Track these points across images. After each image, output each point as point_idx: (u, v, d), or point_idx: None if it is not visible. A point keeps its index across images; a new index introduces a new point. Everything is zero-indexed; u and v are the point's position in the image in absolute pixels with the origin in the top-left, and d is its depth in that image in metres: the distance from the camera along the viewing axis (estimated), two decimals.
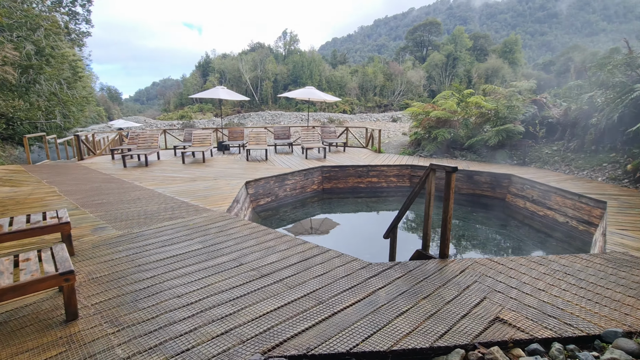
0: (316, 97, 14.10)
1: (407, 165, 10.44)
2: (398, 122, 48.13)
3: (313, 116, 49.61)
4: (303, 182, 9.64)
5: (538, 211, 7.63)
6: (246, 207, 7.50)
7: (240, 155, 12.40)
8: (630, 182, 7.07)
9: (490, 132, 10.13)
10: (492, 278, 3.33)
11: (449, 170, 3.62)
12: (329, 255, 3.84)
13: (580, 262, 3.71)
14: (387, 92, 68.49)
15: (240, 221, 5.05)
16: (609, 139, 8.36)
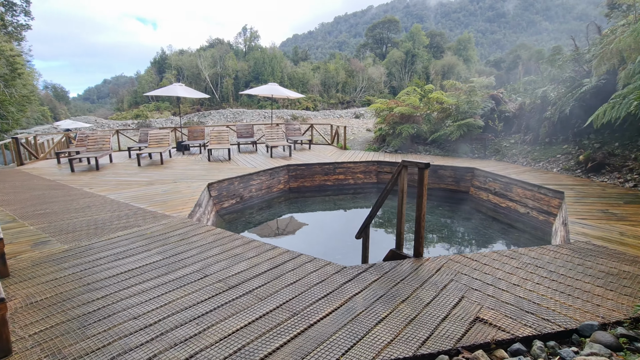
0: (279, 94, 13.78)
1: (373, 162, 10.44)
2: (361, 118, 48.65)
3: (276, 113, 48.96)
4: (269, 181, 9.34)
5: (500, 203, 7.89)
6: (209, 211, 7.10)
7: (201, 156, 11.83)
8: (583, 172, 7.49)
9: (452, 127, 10.38)
10: (468, 275, 3.28)
11: (421, 167, 3.53)
12: (300, 260, 3.63)
13: (548, 253, 3.78)
14: (349, 89, 69.14)
15: (203, 227, 4.70)
16: (561, 132, 8.83)
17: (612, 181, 6.89)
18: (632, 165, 6.91)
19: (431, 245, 6.71)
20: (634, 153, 7.08)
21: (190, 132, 13.60)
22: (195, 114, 48.66)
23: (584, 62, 8.31)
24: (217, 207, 7.78)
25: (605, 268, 3.41)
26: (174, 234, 4.39)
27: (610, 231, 4.41)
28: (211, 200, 7.54)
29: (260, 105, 56.15)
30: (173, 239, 4.22)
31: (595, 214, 5.11)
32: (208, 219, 6.76)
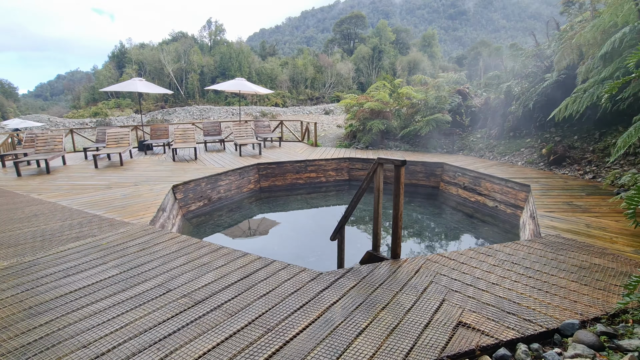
0: (247, 90, 13.34)
1: (345, 159, 10.34)
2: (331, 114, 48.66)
3: (245, 110, 47.92)
4: (238, 181, 8.98)
5: (470, 197, 8.02)
6: (174, 215, 6.68)
7: (165, 156, 11.22)
8: (545, 164, 7.75)
9: (421, 122, 10.47)
10: (447, 276, 3.20)
11: (397, 164, 3.41)
12: (273, 267, 3.41)
13: (522, 249, 3.79)
14: (318, 85, 69.00)
15: (166, 234, 4.35)
16: (524, 126, 9.13)
17: (573, 173, 7.17)
18: (590, 157, 7.22)
19: (406, 242, 6.69)
20: (592, 146, 7.40)
21: (153, 130, 12.88)
22: (159, 111, 46.59)
23: (545, 58, 8.61)
24: (183, 211, 7.35)
25: (577, 262, 3.46)
26: (133, 244, 4.02)
27: (577, 223, 4.52)
28: (176, 203, 7.11)
29: (228, 102, 54.77)
30: (132, 250, 3.85)
31: (561, 206, 5.25)
32: (173, 224, 6.35)
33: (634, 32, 5.01)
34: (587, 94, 5.75)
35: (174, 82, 57.21)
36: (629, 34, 4.98)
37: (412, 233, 7.21)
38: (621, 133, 6.98)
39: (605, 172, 6.68)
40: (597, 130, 7.46)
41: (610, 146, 6.94)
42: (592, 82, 5.69)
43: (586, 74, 6.19)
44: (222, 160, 10.02)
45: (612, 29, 5.62)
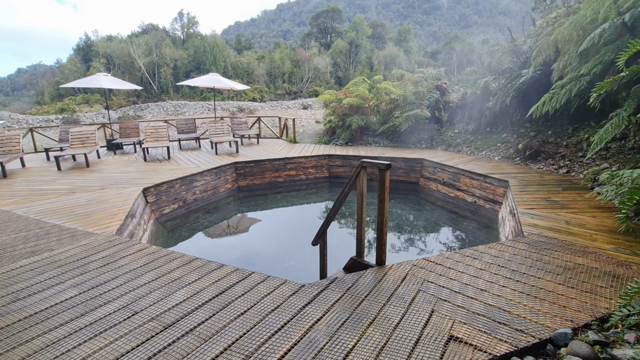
0: (222, 85, 12.87)
1: (324, 156, 10.15)
2: (309, 109, 48.30)
3: (221, 105, 46.82)
4: (215, 181, 8.62)
5: (449, 193, 8.02)
6: (146, 220, 6.29)
7: (136, 155, 10.66)
8: (521, 159, 7.84)
9: (400, 118, 10.41)
10: (434, 283, 3.08)
11: (382, 168, 3.24)
12: (252, 280, 3.17)
13: (507, 249, 3.73)
14: (296, 79, 68.35)
15: (134, 245, 4.02)
16: (500, 121, 9.22)
17: (548, 168, 7.27)
18: (564, 152, 7.35)
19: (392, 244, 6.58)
20: (565, 140, 7.53)
21: (122, 128, 12.22)
22: (131, 107, 44.77)
23: (521, 54, 8.69)
24: (156, 214, 6.96)
25: (562, 262, 3.41)
26: (96, 258, 3.68)
27: (557, 220, 4.52)
28: (148, 207, 6.71)
29: (204, 97, 53.33)
30: (95, 265, 3.52)
31: (540, 202, 5.27)
32: (145, 230, 5.97)
33: (613, 29, 5.05)
34: (564, 91, 5.79)
35: (146, 76, 55.12)
36: (608, 30, 5.01)
37: (395, 231, 7.12)
38: (593, 128, 7.13)
39: (578, 166, 6.80)
40: (570, 126, 7.60)
41: (583, 141, 7.07)
42: (569, 78, 5.72)
43: (563, 70, 6.23)
44: (197, 160, 9.61)
45: (589, 25, 5.66)
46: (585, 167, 6.65)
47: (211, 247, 6.36)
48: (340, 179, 10.05)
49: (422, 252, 6.20)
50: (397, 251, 6.19)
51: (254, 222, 7.74)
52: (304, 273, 5.31)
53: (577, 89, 5.55)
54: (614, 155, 6.30)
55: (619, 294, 2.79)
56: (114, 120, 36.74)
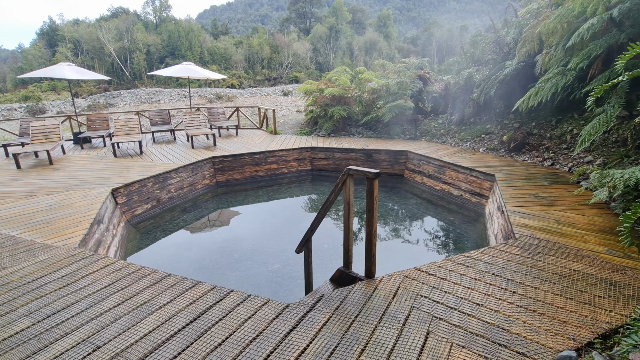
0: (196, 75, 12.21)
1: (307, 148, 9.82)
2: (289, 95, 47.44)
3: (198, 92, 45.35)
4: (191, 178, 8.18)
5: (435, 186, 7.90)
6: (116, 224, 5.85)
7: (105, 150, 10.01)
8: (506, 151, 7.78)
9: (384, 109, 10.16)
10: (428, 298, 2.88)
11: (370, 177, 2.97)
12: (230, 301, 2.89)
13: (500, 255, 3.57)
14: (275, 65, 66.93)
15: (99, 260, 3.64)
16: (484, 112, 9.12)
17: (532, 160, 7.23)
18: (548, 144, 7.31)
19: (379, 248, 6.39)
20: (549, 132, 7.49)
21: (90, 121, 11.46)
22: (101, 95, 42.66)
23: (504, 45, 8.55)
24: (127, 216, 6.51)
25: (556, 268, 3.29)
26: (54, 278, 3.29)
27: (547, 220, 4.42)
28: (118, 209, 6.26)
29: (179, 84, 51.40)
30: (52, 286, 3.14)
31: (528, 199, 5.18)
32: (114, 235, 5.54)
33: (600, 24, 4.91)
34: (549, 85, 5.66)
35: (117, 62, 52.55)
36: (596, 25, 4.86)
37: (383, 226, 6.94)
38: (576, 120, 7.10)
39: (562, 158, 6.78)
40: (554, 117, 7.55)
41: (567, 133, 7.04)
42: (555, 72, 5.59)
43: (548, 63, 6.10)
44: (172, 154, 9.10)
45: (574, 19, 5.52)
46: (569, 159, 6.63)
47: (188, 250, 6.00)
48: (324, 172, 9.78)
49: (408, 250, 6.05)
50: (384, 250, 6.00)
51: (234, 220, 7.40)
52: (288, 279, 5.05)
53: (563, 83, 5.43)
54: (597, 148, 6.28)
55: (620, 312, 2.67)
56: (83, 109, 34.95)
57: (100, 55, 52.39)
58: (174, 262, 5.51)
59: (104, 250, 4.86)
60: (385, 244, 6.26)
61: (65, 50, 50.96)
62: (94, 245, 4.56)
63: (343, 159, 9.51)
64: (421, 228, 6.89)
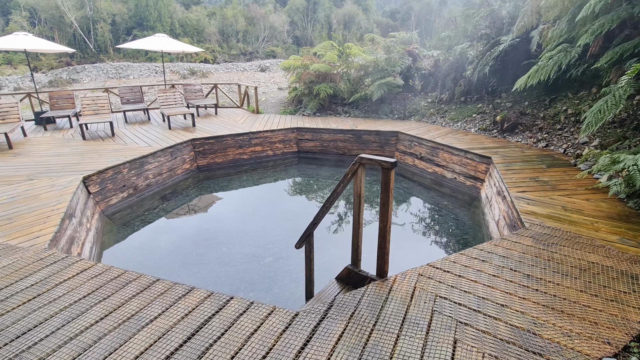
0: (171, 49, 11.30)
1: (292, 129, 9.36)
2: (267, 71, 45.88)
3: (170, 67, 43.06)
4: (170, 162, 7.62)
5: (427, 168, 7.72)
6: (89, 217, 5.33)
7: (73, 131, 9.18)
8: (499, 132, 7.64)
9: (372, 86, 9.76)
10: (448, 299, 2.66)
11: (386, 166, 2.66)
12: (231, 311, 2.56)
13: (514, 247, 3.40)
14: (251, 38, 64.20)
15: (74, 264, 3.20)
16: (476, 91, 8.91)
17: (526, 141, 7.12)
18: (541, 124, 7.21)
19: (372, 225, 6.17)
20: (542, 112, 7.38)
21: (53, 99, 10.45)
22: (64, 69, 39.68)
23: (498, 19, 8.25)
24: (101, 206, 5.96)
25: (574, 261, 3.15)
26: (21, 287, 2.85)
27: (553, 206, 4.29)
28: (91, 199, 5.70)
29: (149, 57, 48.46)
30: (19, 299, 2.70)
31: (530, 183, 5.04)
32: (88, 230, 5.04)
33: None
34: (552, 62, 5.44)
35: (79, 33, 48.73)
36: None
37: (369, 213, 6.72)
38: (570, 100, 6.99)
39: (557, 139, 6.69)
40: (547, 97, 7.43)
41: (560, 113, 6.93)
42: (559, 49, 5.37)
43: (549, 40, 5.85)
44: (148, 136, 8.43)
45: None
46: (564, 140, 6.55)
47: (172, 243, 5.57)
48: (311, 154, 9.40)
49: (403, 239, 5.88)
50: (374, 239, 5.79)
51: (219, 209, 6.98)
52: (282, 273, 4.77)
53: (567, 60, 5.22)
54: None
55: None
56: (44, 85, 32.40)
57: (61, 25, 48.38)
58: (156, 258, 5.09)
59: (77, 248, 4.38)
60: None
61: (21, 19, 46.63)
62: (66, 244, 4.08)
63: (331, 140, 9.14)
64: (415, 214, 6.72)
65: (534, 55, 7.45)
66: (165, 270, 4.85)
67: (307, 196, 7.55)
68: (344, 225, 6.29)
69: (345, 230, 6.13)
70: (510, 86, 8.33)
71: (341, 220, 6.50)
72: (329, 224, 6.34)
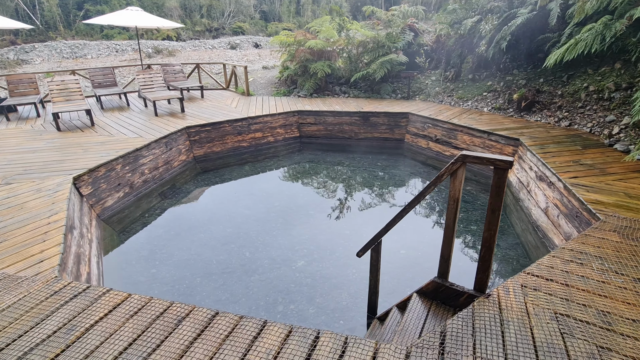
0: (146, 24, 10.10)
1: (293, 112, 8.68)
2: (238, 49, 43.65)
3: (132, 45, 39.88)
4: (165, 154, 6.81)
5: (444, 151, 7.38)
6: (88, 225, 4.57)
7: (42, 121, 8.03)
8: (515, 111, 7.38)
9: (374, 64, 9.17)
10: (570, 317, 2.31)
11: (501, 166, 2.20)
12: (325, 350, 2.07)
13: (604, 244, 3.10)
14: (216, 13, 60.61)
15: (103, 295, 2.56)
16: (484, 68, 8.57)
17: (545, 120, 6.91)
18: (560, 102, 7.00)
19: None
20: (559, 89, 7.16)
21: (11, 83, 9.10)
22: (10, 49, 35.67)
23: None
24: (96, 210, 5.17)
25: None
26: (41, 337, 2.19)
27: (615, 193, 4.05)
28: (85, 203, 4.91)
29: (105, 35, 44.61)
30: (41, 356, 2.07)
31: (575, 167, 4.79)
32: (90, 241, 4.30)
33: None
34: (590, 36, 5.11)
35: (23, 7, 43.81)
36: None
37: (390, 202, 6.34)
38: (591, 76, 6.79)
39: (579, 118, 6.51)
40: (565, 73, 7.20)
41: (581, 90, 6.73)
42: (602, 22, 5.03)
43: (581, 11, 5.48)
44: (134, 125, 7.50)
45: None
46: (588, 119, 6.37)
47: (183, 249, 4.92)
48: (314, 139, 8.80)
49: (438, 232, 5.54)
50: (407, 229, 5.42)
51: (226, 204, 6.32)
52: (320, 279, 4.31)
53: (612, 34, 4.91)
54: (618, 106, 6.04)
55: None
56: None
57: None
58: (172, 270, 4.46)
59: (85, 267, 3.68)
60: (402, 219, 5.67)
61: None
62: (74, 265, 3.38)
63: (335, 123, 8.57)
64: (432, 201, 6.38)
65: (552, 29, 7.14)
66: (186, 283, 4.25)
67: (320, 187, 7.02)
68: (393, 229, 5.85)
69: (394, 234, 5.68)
70: (524, 62, 8.05)
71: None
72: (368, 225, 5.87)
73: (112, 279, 4.24)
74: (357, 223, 5.62)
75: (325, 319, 3.80)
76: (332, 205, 6.17)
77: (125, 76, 20.75)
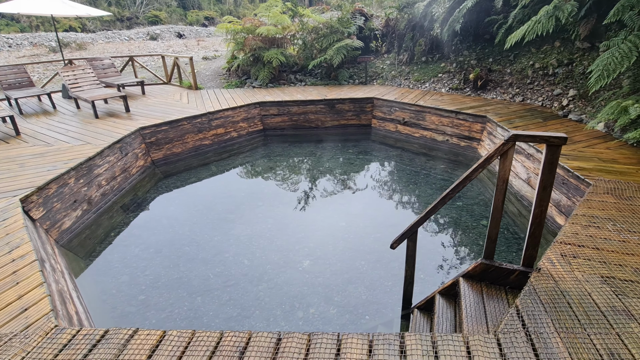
0: (66, 12, 8.68)
1: (254, 104, 8.20)
2: (159, 39, 40.22)
3: (29, 39, 34.48)
4: (122, 161, 5.98)
5: (413, 133, 7.56)
6: (53, 255, 3.82)
7: None
8: (472, 90, 7.81)
9: (330, 50, 9.01)
10: (614, 278, 2.47)
11: (555, 143, 2.24)
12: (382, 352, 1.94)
13: (607, 207, 3.38)
14: (127, 1, 55.04)
15: (131, 339, 2.11)
16: (437, 50, 8.91)
17: (500, 97, 7.42)
18: (510, 79, 7.56)
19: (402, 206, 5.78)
20: (508, 67, 7.72)
21: None
22: None
23: None
24: (53, 235, 4.35)
25: None
26: None
27: (590, 159, 4.46)
28: (39, 228, 4.09)
29: None
30: None
31: None
32: (62, 272, 3.60)
33: None
34: (545, 17, 5.53)
35: None
36: None
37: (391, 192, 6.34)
38: (534, 54, 7.41)
39: (530, 93, 7.09)
40: (511, 52, 7.77)
41: (527, 68, 7.33)
42: (555, 2, 5.46)
43: None
44: (73, 130, 6.46)
45: None
46: (537, 94, 6.96)
47: (170, 267, 4.37)
48: (279, 130, 8.44)
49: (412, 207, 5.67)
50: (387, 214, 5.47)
51: (201, 209, 5.77)
52: (332, 276, 4.15)
53: (566, 15, 5.35)
54: (562, 80, 6.69)
55: None
56: None
57: None
58: (164, 293, 3.93)
59: (71, 306, 3.06)
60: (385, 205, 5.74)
61: None
62: (61, 305, 2.78)
63: (300, 113, 8.29)
64: (414, 181, 6.53)
65: (497, 12, 7.63)
66: (186, 305, 3.78)
67: (300, 181, 6.75)
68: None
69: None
70: (472, 44, 8.52)
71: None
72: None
73: (97, 314, 3.61)
74: (351, 213, 5.50)
75: (350, 317, 3.66)
76: (317, 198, 5.98)
77: (32, 75, 17.85)
